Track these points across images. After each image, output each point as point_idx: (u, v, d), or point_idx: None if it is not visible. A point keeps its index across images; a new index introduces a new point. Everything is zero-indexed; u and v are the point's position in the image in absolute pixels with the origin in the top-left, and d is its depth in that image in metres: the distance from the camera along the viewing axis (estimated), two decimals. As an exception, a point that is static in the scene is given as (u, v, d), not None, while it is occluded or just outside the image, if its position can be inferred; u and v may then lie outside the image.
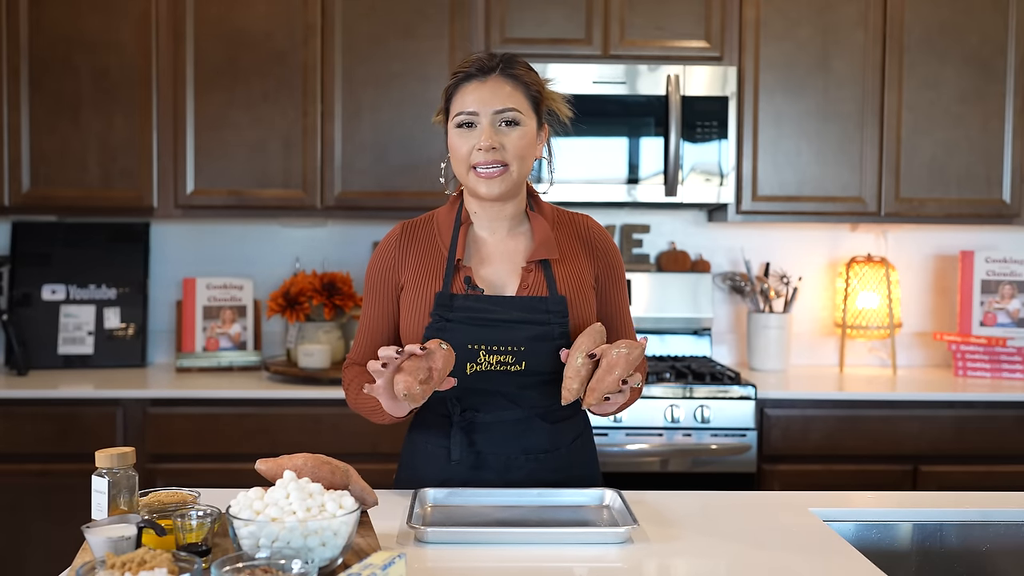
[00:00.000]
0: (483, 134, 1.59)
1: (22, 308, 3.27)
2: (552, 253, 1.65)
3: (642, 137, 3.05)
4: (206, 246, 3.44)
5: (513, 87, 1.62)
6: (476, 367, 1.60)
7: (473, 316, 1.60)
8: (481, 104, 1.60)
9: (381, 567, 1.15)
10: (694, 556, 1.40)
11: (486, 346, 1.59)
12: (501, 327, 1.60)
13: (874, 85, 3.11)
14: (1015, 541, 1.63)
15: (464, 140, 1.61)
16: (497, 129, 1.60)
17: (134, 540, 1.25)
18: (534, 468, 1.65)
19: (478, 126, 1.60)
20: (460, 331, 1.59)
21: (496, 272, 1.67)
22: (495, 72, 1.62)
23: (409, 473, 1.74)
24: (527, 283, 1.64)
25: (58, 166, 3.06)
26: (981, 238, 3.50)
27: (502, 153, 1.59)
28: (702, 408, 2.80)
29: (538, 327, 1.59)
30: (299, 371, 2.99)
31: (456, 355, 1.54)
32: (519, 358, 1.60)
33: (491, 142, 1.58)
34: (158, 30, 3.06)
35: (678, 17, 3.09)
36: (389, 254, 1.70)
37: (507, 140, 1.60)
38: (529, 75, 1.66)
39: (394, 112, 3.08)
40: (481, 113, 1.60)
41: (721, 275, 3.45)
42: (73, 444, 2.79)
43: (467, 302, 1.61)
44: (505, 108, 1.60)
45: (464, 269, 1.65)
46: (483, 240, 1.70)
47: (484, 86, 1.61)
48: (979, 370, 3.20)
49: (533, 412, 1.65)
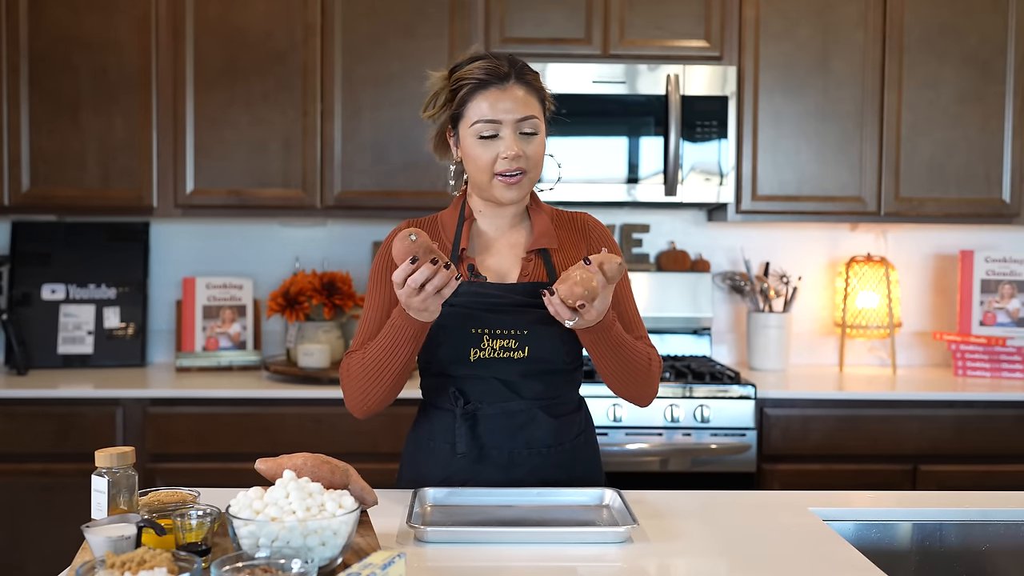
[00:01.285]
0: (508, 144, 1.61)
1: (22, 308, 3.27)
2: (551, 243, 1.70)
3: (642, 137, 3.05)
4: (206, 246, 3.44)
5: (527, 93, 1.64)
6: (480, 353, 1.63)
7: (477, 301, 1.64)
8: (504, 113, 1.61)
9: (381, 566, 1.15)
10: (694, 555, 1.40)
11: (489, 330, 1.63)
12: (504, 312, 1.63)
13: (874, 85, 3.11)
14: (1015, 541, 1.63)
15: (486, 149, 1.62)
16: (519, 137, 1.62)
17: (134, 540, 1.25)
18: (537, 464, 1.66)
19: (501, 135, 1.62)
20: (464, 316, 1.63)
21: (498, 261, 1.71)
22: (512, 79, 1.63)
23: (412, 472, 1.74)
24: (527, 271, 1.69)
25: (58, 165, 3.06)
26: (981, 238, 3.50)
27: (524, 160, 1.62)
28: (702, 408, 2.80)
29: (540, 311, 1.60)
30: (299, 371, 2.99)
31: (460, 341, 1.62)
32: (522, 343, 1.63)
33: (517, 151, 1.61)
34: (158, 30, 3.06)
35: (678, 17, 3.09)
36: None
37: (528, 148, 1.63)
38: (537, 79, 1.68)
39: (394, 112, 3.08)
40: (504, 122, 1.61)
41: (721, 275, 3.45)
42: (73, 444, 2.79)
43: (471, 287, 1.65)
44: (526, 116, 1.62)
45: (468, 258, 1.69)
46: (486, 234, 1.74)
47: (504, 94, 1.62)
48: (979, 370, 3.20)
49: (536, 404, 1.66)
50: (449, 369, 1.66)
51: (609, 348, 1.59)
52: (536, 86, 1.66)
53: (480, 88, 1.62)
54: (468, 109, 1.63)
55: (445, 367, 1.66)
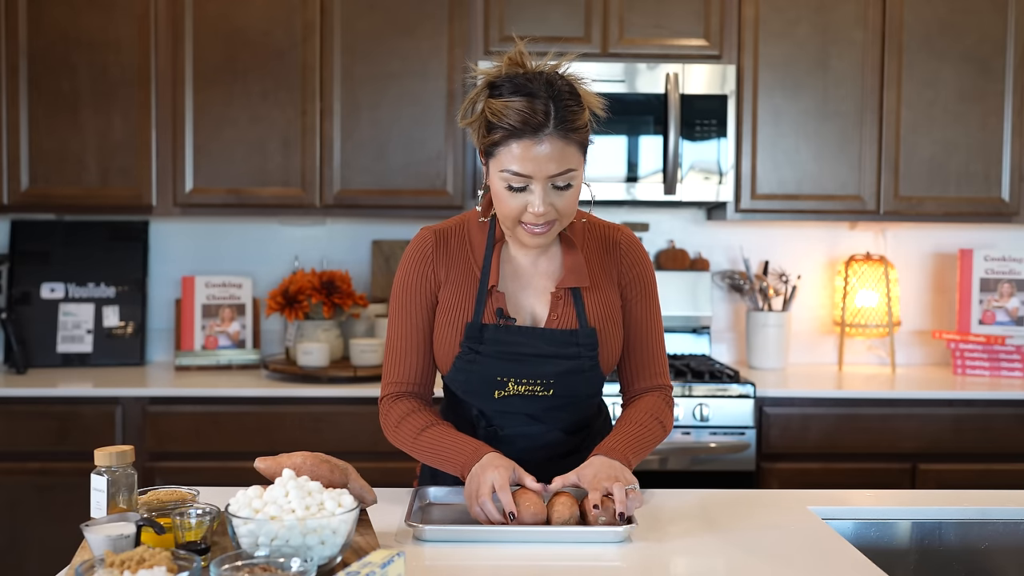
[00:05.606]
0: (537, 201, 1.47)
1: (21, 306, 3.26)
2: (582, 280, 1.60)
3: (641, 135, 3.05)
4: (205, 244, 3.43)
5: (566, 143, 1.46)
6: (504, 393, 1.60)
7: (503, 351, 1.57)
8: (536, 169, 1.46)
9: (380, 565, 1.15)
10: (693, 555, 1.40)
11: (515, 379, 1.58)
12: (530, 362, 1.57)
13: (873, 84, 3.11)
14: (1014, 539, 1.63)
15: (514, 198, 1.49)
16: (550, 191, 1.48)
17: (133, 538, 1.25)
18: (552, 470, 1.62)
19: (531, 188, 1.48)
20: (489, 364, 1.58)
21: (528, 298, 1.62)
22: (548, 129, 1.45)
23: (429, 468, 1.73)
24: (556, 313, 1.60)
25: (57, 164, 3.06)
26: (980, 236, 3.50)
27: (554, 213, 1.50)
28: (701, 406, 2.81)
29: (568, 361, 1.57)
30: (298, 369, 2.99)
31: (484, 386, 1.59)
32: (547, 388, 1.59)
33: (545, 207, 1.48)
34: (157, 28, 3.06)
35: (677, 15, 3.09)
36: (427, 267, 1.63)
37: (560, 202, 1.49)
38: (580, 117, 1.49)
39: (393, 110, 3.08)
40: (535, 177, 1.46)
41: (720, 273, 3.45)
42: (72, 442, 2.79)
43: (497, 334, 1.58)
44: (561, 172, 1.47)
45: (497, 296, 1.60)
46: (516, 261, 1.64)
47: (538, 147, 1.45)
48: (978, 368, 3.20)
49: (557, 427, 1.66)
50: (473, 401, 1.64)
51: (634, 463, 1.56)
52: (577, 130, 1.48)
53: (512, 137, 1.46)
54: (499, 152, 1.48)
55: (469, 399, 1.64)
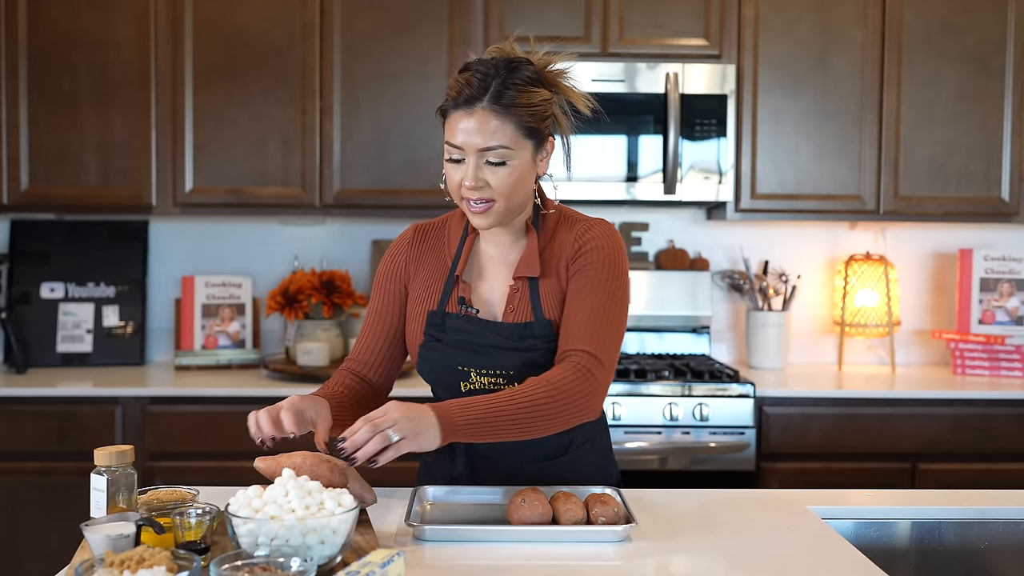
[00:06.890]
0: (466, 173, 1.50)
1: (21, 306, 3.26)
2: (533, 270, 1.58)
3: (641, 135, 3.05)
4: (205, 244, 3.43)
5: (501, 120, 1.48)
6: (470, 386, 1.60)
7: (463, 339, 1.59)
8: (465, 140, 1.49)
9: (380, 565, 1.15)
10: (693, 554, 1.40)
11: (475, 369, 1.59)
12: (490, 352, 1.58)
13: (873, 83, 3.11)
14: (1013, 539, 1.63)
15: (453, 171, 1.53)
16: (482, 167, 1.50)
17: (133, 538, 1.25)
18: (535, 473, 1.63)
19: (465, 161, 1.51)
20: (450, 353, 1.59)
21: (491, 290, 1.63)
22: (483, 102, 1.48)
23: (425, 469, 1.74)
24: (512, 305, 1.59)
25: (57, 164, 3.06)
26: (980, 236, 3.50)
27: (488, 191, 1.51)
28: (701, 406, 2.81)
29: (525, 354, 1.57)
30: (298, 369, 2.99)
31: (449, 376, 1.60)
32: (510, 380, 1.58)
33: (474, 182, 1.50)
34: (157, 28, 3.06)
35: (677, 15, 3.09)
36: (399, 258, 1.69)
37: (492, 178, 1.50)
38: (525, 96, 1.50)
39: (393, 110, 3.08)
40: (466, 149, 1.49)
41: (720, 273, 3.45)
42: (72, 442, 2.79)
43: (459, 323, 1.59)
44: (489, 147, 1.48)
45: (463, 287, 1.62)
46: (485, 252, 1.65)
47: (470, 119, 1.48)
48: (977, 368, 3.20)
49: None
50: (443, 395, 1.63)
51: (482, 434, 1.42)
52: (517, 107, 1.48)
53: (451, 108, 1.51)
54: (445, 125, 1.53)
55: (440, 392, 1.65)
